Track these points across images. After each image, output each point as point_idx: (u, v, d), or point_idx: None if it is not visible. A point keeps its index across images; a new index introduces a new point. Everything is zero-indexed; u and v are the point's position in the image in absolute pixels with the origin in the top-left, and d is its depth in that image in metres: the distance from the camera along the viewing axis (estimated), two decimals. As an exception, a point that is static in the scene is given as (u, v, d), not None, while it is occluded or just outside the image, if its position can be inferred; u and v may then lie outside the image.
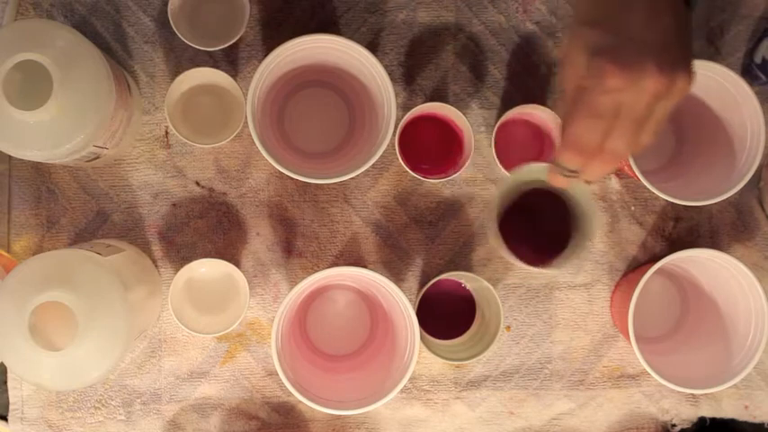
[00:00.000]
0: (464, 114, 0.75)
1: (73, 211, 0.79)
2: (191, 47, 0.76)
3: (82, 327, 0.61)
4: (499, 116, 0.78)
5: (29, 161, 0.78)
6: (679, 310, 0.83)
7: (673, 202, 0.75)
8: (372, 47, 0.80)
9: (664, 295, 0.83)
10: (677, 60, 0.52)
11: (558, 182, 0.60)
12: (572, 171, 0.57)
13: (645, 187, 0.73)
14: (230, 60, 0.79)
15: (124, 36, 0.79)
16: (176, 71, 0.78)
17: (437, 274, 0.77)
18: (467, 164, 0.76)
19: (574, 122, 0.54)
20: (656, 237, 0.82)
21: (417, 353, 0.69)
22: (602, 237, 0.82)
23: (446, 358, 0.76)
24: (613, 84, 0.51)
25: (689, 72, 0.53)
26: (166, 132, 0.80)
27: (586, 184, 0.65)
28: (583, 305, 0.82)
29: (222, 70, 0.75)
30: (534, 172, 0.65)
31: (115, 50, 0.79)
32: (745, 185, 0.73)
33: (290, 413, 0.80)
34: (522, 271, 0.81)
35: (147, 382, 0.79)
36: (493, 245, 0.68)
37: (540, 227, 0.71)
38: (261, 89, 0.69)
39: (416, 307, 0.75)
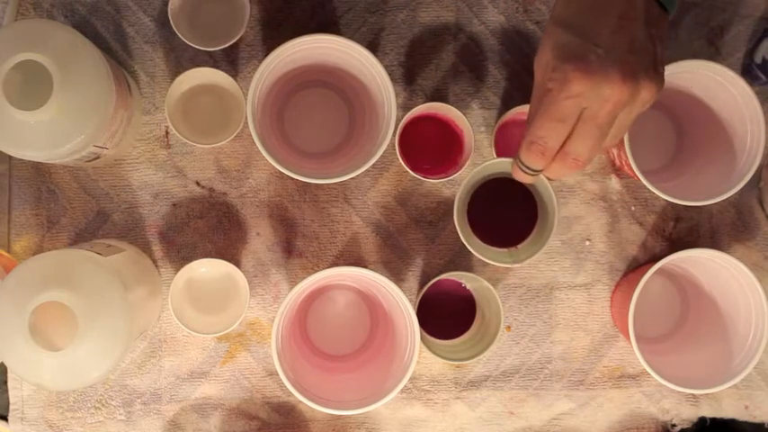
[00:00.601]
0: (464, 114, 0.75)
1: (73, 211, 0.79)
2: (191, 47, 0.76)
3: (82, 327, 0.61)
4: (499, 116, 0.78)
5: (29, 161, 0.78)
6: (679, 310, 0.83)
7: (673, 202, 0.75)
8: (372, 47, 0.80)
9: (664, 295, 0.83)
10: (642, 70, 0.52)
11: (521, 177, 0.61)
12: (534, 170, 0.57)
13: (645, 187, 0.73)
14: (230, 60, 0.79)
15: (124, 36, 0.79)
16: (176, 71, 0.78)
17: (437, 274, 0.77)
18: (467, 164, 0.76)
19: (537, 124, 0.54)
20: (656, 237, 0.82)
21: (417, 353, 0.69)
22: (602, 237, 0.82)
23: (446, 358, 0.76)
24: (576, 89, 0.51)
25: (655, 81, 0.53)
26: (167, 132, 0.80)
27: (548, 180, 0.66)
28: (583, 305, 0.82)
29: (222, 70, 0.75)
30: (500, 165, 0.67)
31: (115, 50, 0.79)
32: (745, 185, 0.73)
33: (290, 413, 0.80)
34: (523, 271, 0.81)
35: (147, 382, 0.79)
36: (458, 229, 0.70)
37: (507, 213, 0.73)
38: (261, 89, 0.69)
39: (416, 307, 0.75)
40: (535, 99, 0.56)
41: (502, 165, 0.68)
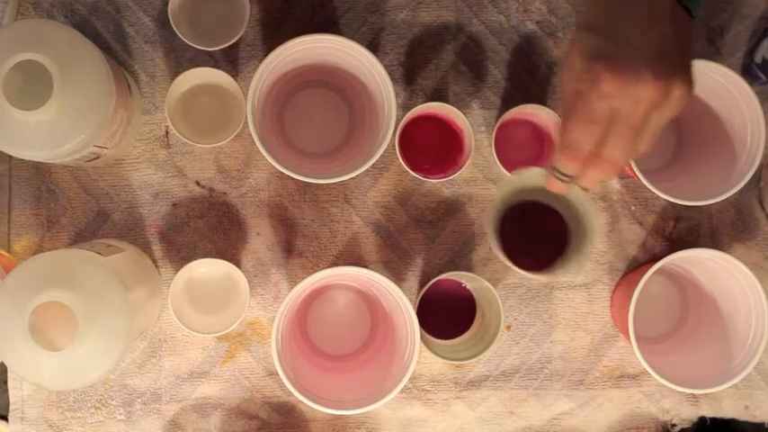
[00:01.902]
0: (464, 114, 0.75)
1: (73, 211, 0.79)
2: (191, 47, 0.76)
3: (82, 327, 0.61)
4: (499, 116, 0.78)
5: (29, 161, 0.78)
6: (679, 310, 0.83)
7: (673, 202, 0.75)
8: (372, 47, 0.80)
9: (664, 295, 0.83)
10: (674, 69, 0.51)
11: (556, 187, 0.59)
12: (568, 176, 0.56)
13: (645, 187, 0.73)
14: (230, 60, 0.79)
15: (124, 36, 0.79)
16: (176, 71, 0.78)
17: (437, 274, 0.77)
18: (467, 164, 0.76)
19: (570, 127, 0.53)
20: (656, 237, 0.82)
21: (417, 353, 0.69)
22: (603, 237, 0.82)
23: (446, 358, 0.76)
24: (608, 89, 0.51)
25: (687, 81, 0.52)
26: (167, 132, 0.80)
27: (583, 191, 0.64)
28: (583, 305, 0.82)
29: (222, 70, 0.75)
30: (533, 176, 0.65)
31: (115, 50, 0.79)
32: (745, 185, 0.73)
33: (290, 413, 0.80)
34: (522, 271, 0.81)
35: (147, 381, 0.79)
36: (493, 251, 0.68)
37: (536, 234, 0.72)
38: (261, 89, 0.69)
39: (416, 307, 0.75)
40: (566, 104, 0.55)
41: (532, 176, 0.65)
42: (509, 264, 0.67)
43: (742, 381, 0.74)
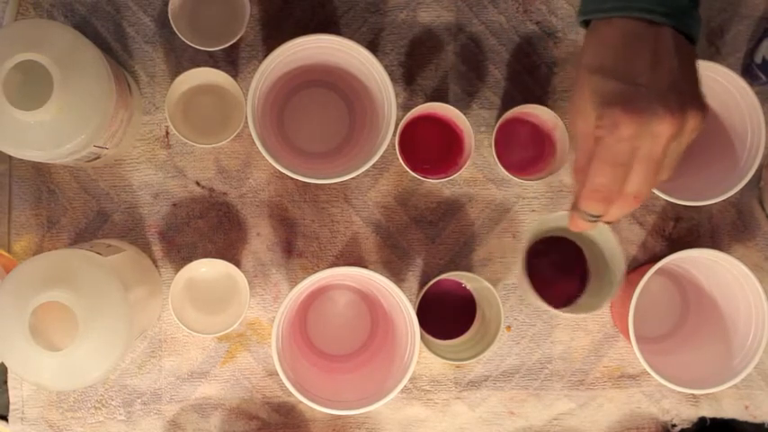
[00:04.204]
0: (464, 114, 0.75)
1: (73, 211, 0.79)
2: (191, 47, 0.76)
3: (82, 327, 0.61)
4: (499, 116, 0.78)
5: (29, 161, 0.78)
6: (679, 310, 0.83)
7: (673, 203, 0.75)
8: (372, 47, 0.80)
9: (664, 295, 0.83)
10: (687, 100, 0.53)
11: (581, 227, 0.59)
12: (595, 216, 0.57)
13: (645, 187, 0.73)
14: (230, 60, 0.79)
15: (124, 36, 0.79)
16: (176, 71, 0.78)
17: (437, 274, 0.77)
18: (467, 164, 0.76)
19: (595, 172, 0.54)
20: (656, 237, 0.82)
21: (417, 353, 0.69)
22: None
23: (446, 358, 0.76)
24: (628, 132, 0.52)
25: (700, 109, 0.53)
26: (167, 132, 0.80)
27: (606, 225, 0.67)
28: (583, 305, 0.82)
29: (222, 70, 0.75)
30: (557, 219, 0.70)
31: (115, 50, 0.79)
32: (745, 185, 0.73)
33: (290, 413, 0.80)
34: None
35: (147, 382, 0.79)
36: (523, 293, 0.73)
37: (558, 268, 0.78)
38: (261, 89, 0.69)
39: (417, 307, 0.75)
40: (582, 150, 0.56)
41: (556, 219, 0.69)
42: (538, 300, 0.71)
43: (742, 381, 0.74)
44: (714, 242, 0.82)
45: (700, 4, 0.56)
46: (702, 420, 0.82)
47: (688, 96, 0.53)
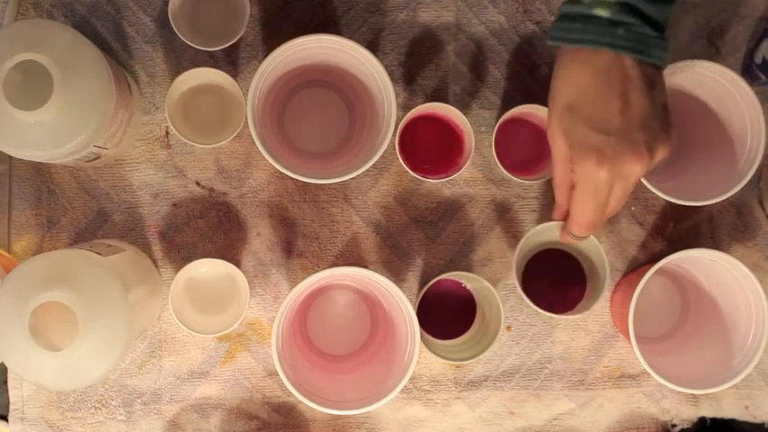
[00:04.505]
0: (464, 114, 0.75)
1: (73, 211, 0.79)
2: (191, 47, 0.76)
3: (82, 327, 0.61)
4: (499, 116, 0.78)
5: (29, 161, 0.78)
6: (679, 310, 0.83)
7: (673, 203, 0.75)
8: (372, 47, 0.80)
9: (664, 295, 0.83)
10: (655, 136, 0.57)
11: (569, 241, 0.68)
12: (585, 237, 0.66)
13: (645, 187, 0.73)
14: (230, 60, 0.79)
15: (124, 36, 0.79)
16: (176, 71, 0.78)
17: (437, 274, 0.77)
18: (467, 164, 0.76)
19: (578, 211, 0.61)
20: (656, 237, 0.82)
21: (417, 353, 0.69)
22: (602, 237, 0.82)
23: (446, 358, 0.76)
24: (600, 180, 0.57)
25: (667, 141, 0.58)
26: (167, 132, 0.80)
27: (595, 240, 0.75)
28: (583, 305, 0.82)
29: (222, 70, 0.75)
30: (548, 230, 0.74)
31: (115, 50, 0.79)
32: (745, 185, 0.73)
33: (290, 413, 0.80)
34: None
35: (147, 382, 0.79)
36: (519, 293, 0.76)
37: (555, 276, 0.81)
38: (261, 89, 0.69)
39: (416, 307, 0.75)
40: (559, 171, 0.62)
41: (548, 229, 0.74)
42: (533, 306, 0.75)
43: (742, 381, 0.74)
44: (714, 242, 0.82)
45: (666, 29, 0.58)
46: (702, 420, 0.82)
47: (656, 131, 0.57)
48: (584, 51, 0.56)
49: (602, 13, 0.55)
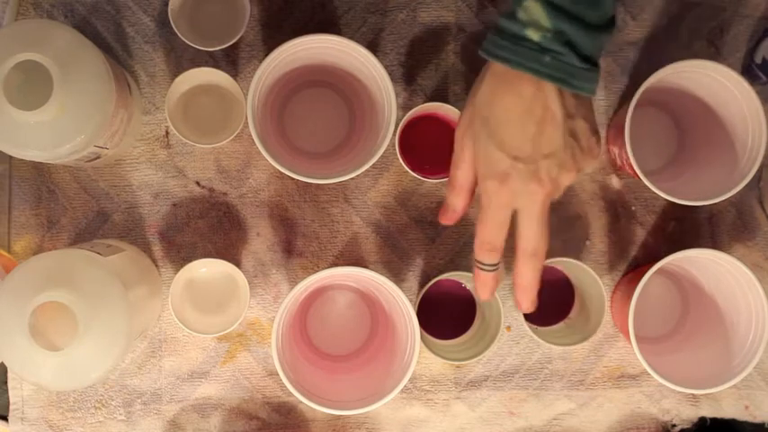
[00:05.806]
0: (464, 114, 0.75)
1: (73, 211, 0.79)
2: (191, 47, 0.76)
3: (82, 327, 0.61)
4: (499, 116, 0.78)
5: (29, 161, 0.78)
6: (679, 311, 0.83)
7: (673, 202, 0.75)
8: (372, 47, 0.80)
9: (664, 295, 0.83)
10: (561, 166, 0.57)
11: (481, 278, 0.63)
12: (490, 265, 0.62)
13: (645, 187, 0.73)
14: (230, 60, 0.79)
15: (124, 36, 0.79)
16: (176, 71, 0.78)
17: (437, 274, 0.77)
18: (467, 164, 0.76)
19: (481, 231, 0.60)
20: (656, 237, 0.82)
21: (418, 353, 0.69)
22: (603, 237, 0.82)
23: (446, 358, 0.76)
24: (503, 201, 0.58)
25: (573, 171, 0.58)
26: (167, 132, 0.80)
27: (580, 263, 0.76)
28: (583, 305, 0.82)
29: (222, 70, 0.75)
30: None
31: (115, 50, 0.79)
32: (745, 185, 0.73)
33: (290, 413, 0.80)
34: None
35: (147, 382, 0.79)
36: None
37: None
38: (261, 89, 0.69)
39: (417, 307, 0.75)
40: (461, 175, 0.61)
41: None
42: (527, 324, 0.77)
43: (742, 381, 0.74)
44: (714, 242, 0.82)
45: (598, 60, 0.58)
46: (702, 420, 0.82)
47: (564, 161, 0.57)
48: (511, 71, 0.56)
49: (533, 36, 0.55)
